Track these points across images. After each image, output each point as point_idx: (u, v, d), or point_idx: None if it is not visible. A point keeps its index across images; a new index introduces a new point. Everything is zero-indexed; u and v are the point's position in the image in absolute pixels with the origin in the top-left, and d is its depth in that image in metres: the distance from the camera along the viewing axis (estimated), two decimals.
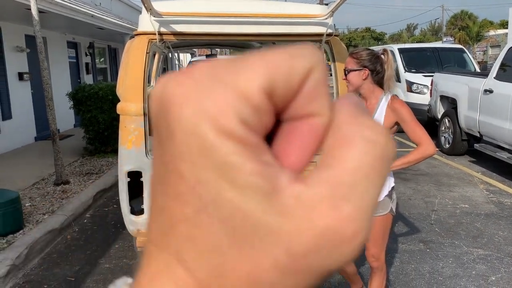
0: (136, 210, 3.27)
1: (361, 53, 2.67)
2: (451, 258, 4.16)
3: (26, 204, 5.48)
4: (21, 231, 4.64)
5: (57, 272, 4.03)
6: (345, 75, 2.70)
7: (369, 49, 2.76)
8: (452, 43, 28.10)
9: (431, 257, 4.17)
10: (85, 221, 5.33)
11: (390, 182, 2.77)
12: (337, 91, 3.47)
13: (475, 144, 7.55)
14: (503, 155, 6.70)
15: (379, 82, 2.66)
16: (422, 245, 4.41)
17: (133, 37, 3.38)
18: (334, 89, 3.51)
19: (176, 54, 11.79)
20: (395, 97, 2.66)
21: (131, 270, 3.99)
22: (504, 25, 39.32)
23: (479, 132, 7.42)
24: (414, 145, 2.59)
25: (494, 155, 6.94)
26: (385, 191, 2.75)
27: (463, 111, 7.87)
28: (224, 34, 3.42)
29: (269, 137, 0.22)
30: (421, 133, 2.54)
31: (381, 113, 2.60)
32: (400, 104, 2.59)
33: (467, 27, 36.26)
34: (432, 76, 9.66)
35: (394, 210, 2.76)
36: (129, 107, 3.16)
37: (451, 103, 8.58)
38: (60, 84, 11.29)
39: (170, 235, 0.22)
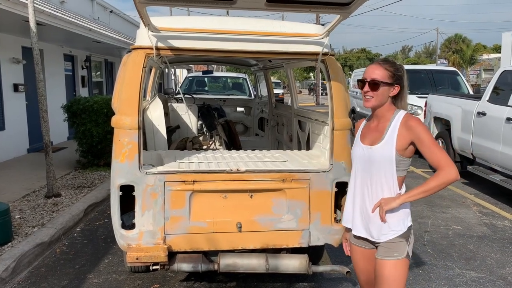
0: (127, 224, 3.23)
1: (397, 66, 2.35)
2: (444, 280, 4.14)
3: (16, 217, 5.41)
4: (9, 244, 4.57)
5: (44, 286, 3.95)
6: (372, 87, 2.31)
7: (398, 63, 2.41)
8: (446, 66, 28.44)
9: (424, 279, 4.14)
10: (75, 234, 5.26)
11: (406, 220, 2.35)
12: (332, 111, 3.48)
13: (468, 166, 7.58)
14: (496, 178, 6.73)
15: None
16: (414, 266, 4.39)
17: (131, 51, 3.39)
18: (330, 109, 3.52)
19: (172, 69, 11.83)
20: (409, 114, 2.35)
21: (121, 285, 3.93)
22: (497, 49, 39.94)
23: (472, 154, 7.46)
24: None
25: (487, 177, 6.97)
26: (398, 229, 2.32)
27: (456, 133, 7.93)
28: (221, 51, 3.44)
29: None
30: (441, 155, 2.21)
31: (393, 132, 2.29)
32: (416, 121, 2.27)
33: (461, 51, 36.70)
34: (426, 97, 9.75)
35: (410, 254, 2.36)
36: (124, 121, 3.15)
37: (444, 125, 8.65)
38: (55, 97, 11.28)
39: None
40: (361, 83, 2.36)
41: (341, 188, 3.49)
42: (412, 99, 10.68)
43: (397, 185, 2.31)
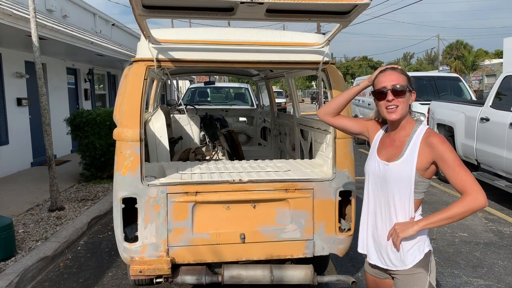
0: (130, 237, 3.21)
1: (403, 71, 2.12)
2: None
3: (19, 231, 5.40)
4: (13, 258, 4.56)
5: None
6: (396, 93, 2.05)
7: None
8: (448, 72, 28.47)
9: None
10: (79, 248, 5.24)
11: (423, 246, 2.08)
12: None
13: (472, 172, 7.52)
14: (501, 183, 6.68)
15: None
16: None
17: (132, 63, 3.40)
18: None
19: (174, 81, 11.88)
20: (431, 129, 2.12)
21: None
22: (499, 54, 39.95)
23: (476, 160, 7.41)
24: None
25: (492, 184, 6.92)
26: (413, 257, 2.06)
27: (460, 139, 7.89)
28: (222, 62, 3.44)
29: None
30: (467, 177, 1.94)
31: (413, 149, 2.05)
32: (439, 138, 2.02)
33: (463, 57, 36.73)
34: (428, 104, 9.73)
35: (434, 284, 2.08)
36: (126, 133, 3.15)
37: (448, 131, 8.61)
38: (58, 110, 11.33)
39: None
40: (380, 94, 2.08)
41: (345, 197, 3.47)
42: (415, 105, 10.66)
43: (413, 208, 2.07)
